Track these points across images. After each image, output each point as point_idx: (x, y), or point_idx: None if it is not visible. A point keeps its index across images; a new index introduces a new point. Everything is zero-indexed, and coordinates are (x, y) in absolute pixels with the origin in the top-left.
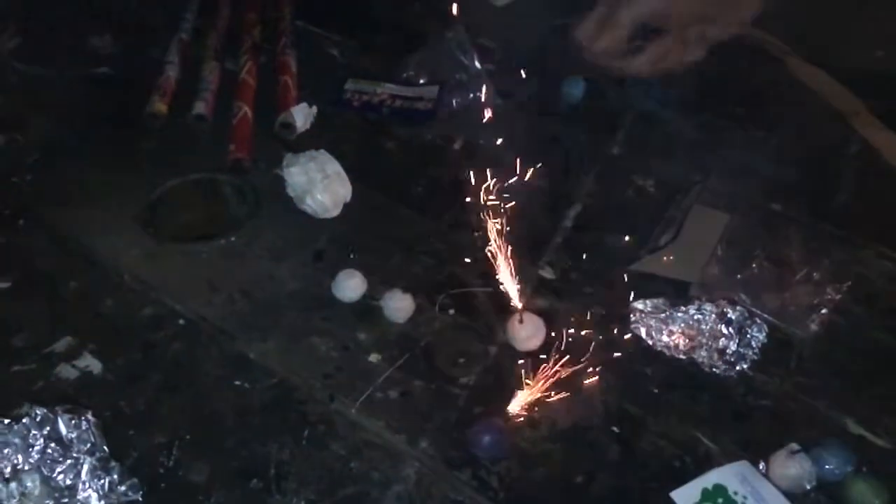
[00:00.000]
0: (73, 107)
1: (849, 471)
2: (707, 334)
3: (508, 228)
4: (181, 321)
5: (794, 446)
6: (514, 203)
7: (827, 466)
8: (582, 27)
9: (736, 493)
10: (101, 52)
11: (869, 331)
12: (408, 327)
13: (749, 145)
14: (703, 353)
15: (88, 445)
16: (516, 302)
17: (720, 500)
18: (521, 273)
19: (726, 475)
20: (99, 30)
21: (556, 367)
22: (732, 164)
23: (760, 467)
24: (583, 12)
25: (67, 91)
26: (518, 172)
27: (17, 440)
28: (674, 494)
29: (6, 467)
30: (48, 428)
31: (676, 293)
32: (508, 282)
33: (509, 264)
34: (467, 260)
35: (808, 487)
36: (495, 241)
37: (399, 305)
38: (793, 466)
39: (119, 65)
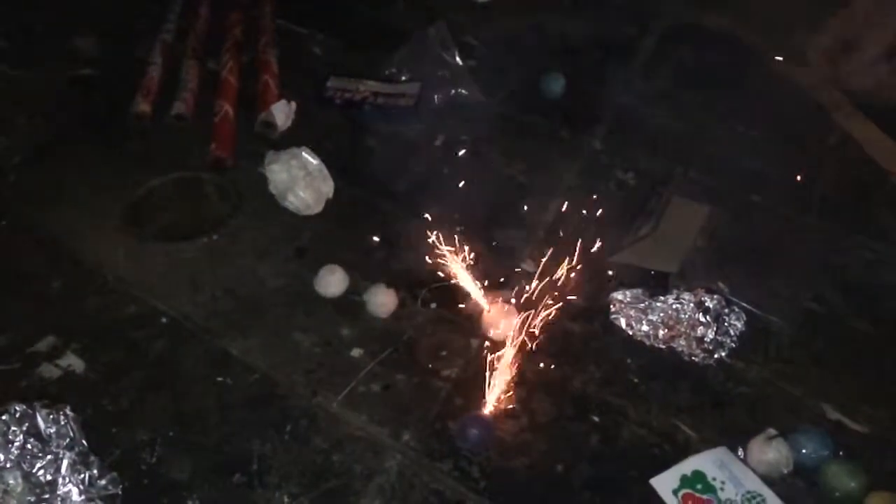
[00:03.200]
0: (56, 108)
1: (825, 455)
2: (686, 323)
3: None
4: (164, 319)
5: (772, 431)
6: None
7: (804, 451)
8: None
9: (714, 479)
10: (84, 54)
11: (847, 319)
12: (390, 322)
13: (729, 138)
14: (682, 342)
15: (67, 440)
16: (479, 297)
17: (699, 486)
18: (502, 266)
19: (705, 461)
20: (82, 31)
21: (536, 357)
22: (712, 157)
23: (739, 453)
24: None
25: (51, 92)
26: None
27: None
28: (653, 481)
29: None
30: (27, 424)
31: (657, 284)
32: (468, 281)
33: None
34: (448, 255)
35: (786, 472)
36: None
37: (382, 300)
38: (770, 451)
39: (102, 66)
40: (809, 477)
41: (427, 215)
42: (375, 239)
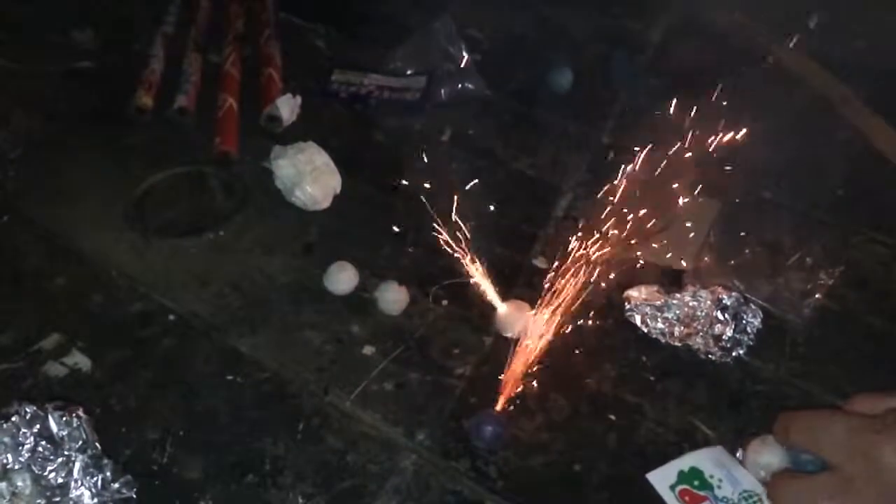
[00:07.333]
0: (55, 102)
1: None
2: (702, 321)
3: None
4: (171, 317)
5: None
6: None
7: (804, 456)
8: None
9: (712, 477)
10: (82, 47)
11: (862, 315)
12: (402, 319)
13: (738, 132)
14: (699, 340)
15: (80, 443)
16: (491, 294)
17: (696, 483)
18: (513, 262)
19: (701, 459)
20: (80, 23)
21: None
22: (722, 152)
23: (738, 455)
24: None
25: (49, 86)
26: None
27: (6, 439)
28: (650, 476)
29: None
30: (38, 426)
31: (670, 281)
32: (480, 277)
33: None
34: (458, 251)
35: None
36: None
37: (394, 297)
38: (764, 454)
39: (101, 59)
40: None
41: (435, 210)
42: (395, 229)
